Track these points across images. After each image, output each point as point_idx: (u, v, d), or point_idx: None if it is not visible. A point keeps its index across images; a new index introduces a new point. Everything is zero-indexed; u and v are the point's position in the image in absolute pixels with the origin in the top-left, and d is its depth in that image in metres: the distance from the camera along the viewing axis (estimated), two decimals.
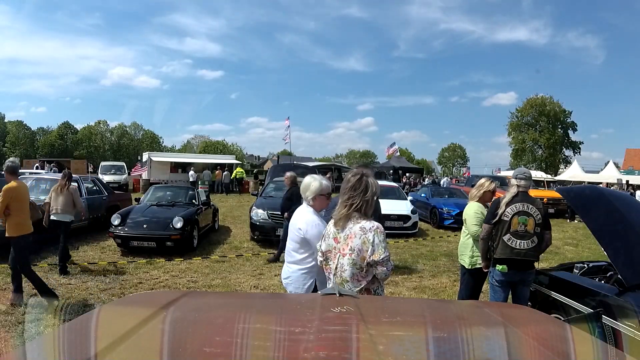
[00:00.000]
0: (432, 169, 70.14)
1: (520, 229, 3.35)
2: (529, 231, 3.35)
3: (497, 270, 3.46)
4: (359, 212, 2.17)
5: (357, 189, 2.18)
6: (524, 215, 3.36)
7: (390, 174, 25.96)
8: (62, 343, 1.06)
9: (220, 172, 23.64)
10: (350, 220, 2.16)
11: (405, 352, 1.02)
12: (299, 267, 2.73)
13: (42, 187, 8.26)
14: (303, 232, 2.65)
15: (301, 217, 2.74)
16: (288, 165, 14.74)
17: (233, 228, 10.82)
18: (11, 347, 3.49)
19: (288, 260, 2.84)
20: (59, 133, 60.91)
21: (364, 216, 2.18)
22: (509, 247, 3.36)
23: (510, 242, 3.36)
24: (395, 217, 10.12)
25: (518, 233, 3.35)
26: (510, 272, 3.41)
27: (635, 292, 2.78)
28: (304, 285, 2.70)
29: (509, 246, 3.36)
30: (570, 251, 9.35)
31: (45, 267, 6.11)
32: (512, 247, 3.36)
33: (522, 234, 3.35)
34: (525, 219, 3.35)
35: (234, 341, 1.04)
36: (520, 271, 3.42)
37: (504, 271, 3.41)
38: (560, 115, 47.01)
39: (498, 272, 3.46)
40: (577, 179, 27.03)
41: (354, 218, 2.16)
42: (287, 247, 2.84)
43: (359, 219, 2.16)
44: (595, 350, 1.16)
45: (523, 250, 3.35)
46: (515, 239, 3.35)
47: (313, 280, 2.69)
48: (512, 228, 3.36)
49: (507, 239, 3.37)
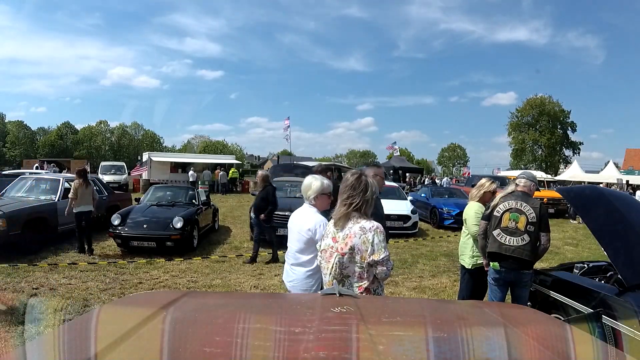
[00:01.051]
0: (432, 169, 70.12)
1: (510, 225, 3.37)
2: (519, 228, 3.36)
3: (491, 268, 3.49)
4: (359, 212, 2.17)
5: (356, 188, 2.18)
6: (515, 212, 3.38)
7: (391, 174, 25.95)
8: (62, 343, 1.06)
9: (219, 173, 23.67)
10: (349, 219, 2.16)
11: (405, 352, 1.02)
12: (305, 270, 2.66)
13: (42, 187, 8.26)
14: (312, 232, 2.58)
15: (308, 217, 2.65)
16: (288, 165, 14.74)
17: (233, 228, 10.82)
18: (11, 347, 3.49)
19: (291, 262, 2.76)
20: (59, 133, 60.90)
21: (363, 216, 2.18)
22: (497, 242, 3.41)
23: (499, 237, 3.40)
24: (395, 217, 10.13)
25: (508, 229, 3.38)
26: (503, 270, 3.42)
27: (635, 292, 2.78)
28: (310, 287, 2.64)
29: (498, 241, 3.40)
30: (570, 251, 9.35)
31: (45, 267, 6.12)
32: (500, 242, 3.39)
33: (512, 231, 3.37)
34: (517, 216, 3.37)
35: (234, 341, 1.04)
36: (514, 270, 3.41)
37: (496, 268, 3.44)
38: (560, 115, 47.04)
39: (492, 270, 3.49)
40: (577, 179, 27.02)
41: (353, 218, 2.16)
42: (291, 248, 2.76)
43: (359, 218, 2.16)
44: (595, 350, 1.16)
45: (512, 247, 3.35)
46: (504, 235, 3.38)
47: (319, 282, 2.61)
48: (503, 224, 3.40)
49: (497, 234, 3.41)
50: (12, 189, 8.12)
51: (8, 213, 6.48)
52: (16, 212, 6.69)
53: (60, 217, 7.59)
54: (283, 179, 11.08)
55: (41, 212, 7.25)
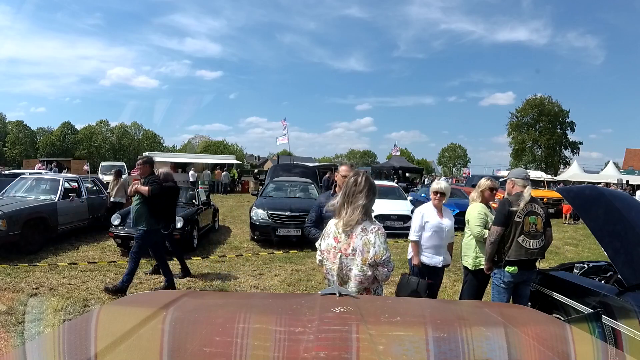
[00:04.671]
0: (432, 169, 70.10)
1: (532, 229, 3.38)
2: (539, 230, 3.40)
3: (507, 272, 3.43)
4: (364, 214, 2.18)
5: (362, 190, 2.18)
6: (533, 215, 3.39)
7: (391, 174, 25.96)
8: (62, 343, 1.06)
9: (220, 172, 23.66)
10: (358, 222, 2.16)
11: (405, 352, 1.02)
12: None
13: (42, 187, 8.27)
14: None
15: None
16: (288, 165, 14.72)
17: (233, 228, 10.82)
18: (11, 347, 3.49)
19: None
20: (60, 133, 60.87)
21: (365, 216, 2.18)
22: (523, 248, 3.37)
23: (524, 243, 3.37)
24: (395, 217, 10.12)
25: (530, 233, 3.37)
26: (519, 272, 3.42)
27: (635, 292, 2.78)
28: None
29: (523, 247, 3.37)
30: (570, 251, 9.34)
31: (45, 267, 6.12)
32: (526, 248, 3.37)
33: (534, 234, 3.38)
34: (535, 219, 3.39)
35: (234, 341, 1.04)
36: (528, 270, 3.46)
37: (515, 273, 3.41)
38: (560, 115, 47.05)
39: (508, 274, 3.43)
40: (577, 179, 27.04)
41: (361, 220, 2.16)
42: None
43: (362, 219, 2.16)
44: (595, 350, 1.16)
45: (536, 250, 3.39)
46: (528, 240, 3.37)
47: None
48: (525, 229, 3.37)
49: (522, 240, 3.37)
50: (12, 189, 8.12)
51: (8, 213, 6.48)
52: (16, 212, 6.69)
53: (60, 217, 7.60)
54: (283, 179, 11.08)
55: (41, 212, 7.25)
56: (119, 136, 63.58)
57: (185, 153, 49.81)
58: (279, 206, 8.63)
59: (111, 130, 64.23)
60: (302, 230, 8.11)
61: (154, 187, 5.05)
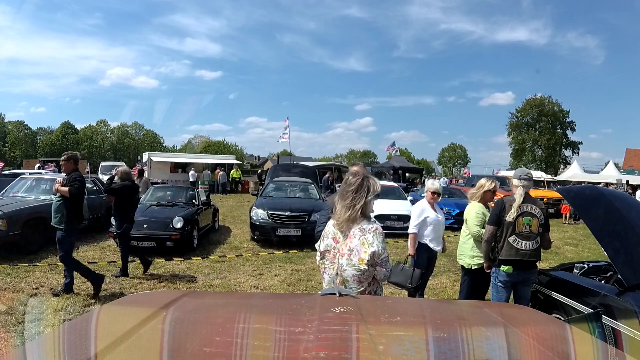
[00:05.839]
0: (432, 169, 70.09)
1: (525, 229, 3.36)
2: (533, 232, 3.36)
3: (502, 271, 3.44)
4: (361, 214, 2.17)
5: (359, 190, 2.18)
6: (528, 216, 3.37)
7: (391, 174, 25.95)
8: (62, 343, 1.06)
9: (218, 172, 23.66)
10: (351, 221, 2.16)
11: (405, 352, 1.02)
12: None
13: (42, 187, 8.27)
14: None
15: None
16: (288, 165, 14.72)
17: (233, 228, 10.82)
18: (11, 347, 3.49)
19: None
20: (60, 133, 60.85)
21: (363, 217, 2.18)
22: (514, 249, 3.36)
23: (515, 243, 3.36)
24: (395, 217, 10.13)
25: (523, 234, 3.36)
26: (514, 272, 3.41)
27: (635, 292, 2.78)
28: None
29: (514, 247, 3.36)
30: (570, 251, 9.35)
31: (45, 266, 6.12)
32: (517, 249, 3.36)
33: (527, 235, 3.36)
34: (530, 220, 3.36)
35: (234, 341, 1.04)
36: (524, 271, 3.44)
37: (509, 272, 3.41)
38: (560, 115, 47.06)
39: (503, 273, 3.44)
40: (577, 179, 27.02)
41: (355, 219, 2.16)
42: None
43: (360, 219, 2.16)
44: (595, 350, 1.15)
45: (528, 251, 3.36)
46: (520, 240, 3.36)
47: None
48: (517, 229, 3.36)
49: (513, 240, 3.37)
50: (12, 189, 8.12)
51: (8, 213, 6.49)
52: (16, 212, 6.70)
53: None
54: (283, 179, 11.09)
55: (41, 212, 7.24)
56: (119, 136, 63.58)
57: (185, 153, 49.79)
58: (279, 206, 8.63)
59: (111, 130, 64.24)
60: (302, 230, 8.12)
61: (74, 187, 4.82)
